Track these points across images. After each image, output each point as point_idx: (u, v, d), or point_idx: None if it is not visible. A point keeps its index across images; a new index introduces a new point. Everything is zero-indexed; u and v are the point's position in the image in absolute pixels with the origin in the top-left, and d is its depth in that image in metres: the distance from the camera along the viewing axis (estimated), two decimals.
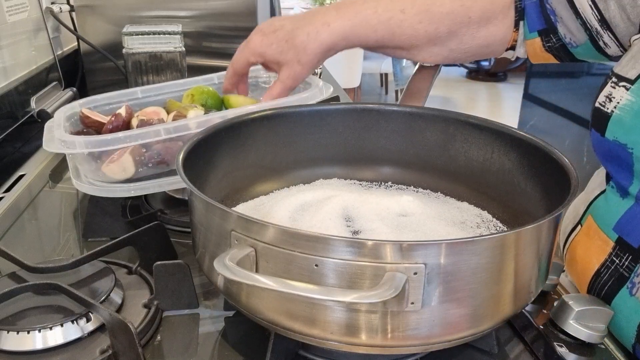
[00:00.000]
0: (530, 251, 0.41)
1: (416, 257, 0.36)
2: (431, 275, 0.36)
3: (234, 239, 0.39)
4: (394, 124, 0.63)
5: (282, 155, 0.63)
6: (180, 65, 1.05)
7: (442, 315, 0.38)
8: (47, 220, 0.74)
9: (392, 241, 0.36)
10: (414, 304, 0.37)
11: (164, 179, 0.65)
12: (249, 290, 0.41)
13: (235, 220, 0.39)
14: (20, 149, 0.94)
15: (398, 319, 0.38)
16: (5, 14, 0.95)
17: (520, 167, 0.56)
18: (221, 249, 0.41)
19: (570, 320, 0.47)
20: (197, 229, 0.46)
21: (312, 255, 0.36)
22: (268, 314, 0.40)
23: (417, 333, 0.38)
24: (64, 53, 1.26)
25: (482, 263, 0.38)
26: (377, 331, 0.38)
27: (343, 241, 0.36)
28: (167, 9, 1.21)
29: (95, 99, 0.76)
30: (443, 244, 0.37)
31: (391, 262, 0.36)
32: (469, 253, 0.37)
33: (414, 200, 0.58)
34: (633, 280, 0.52)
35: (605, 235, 0.56)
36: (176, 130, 0.62)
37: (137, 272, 0.56)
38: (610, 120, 0.53)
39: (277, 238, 0.37)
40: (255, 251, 0.38)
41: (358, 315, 0.38)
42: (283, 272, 0.37)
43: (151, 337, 0.48)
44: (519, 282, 0.41)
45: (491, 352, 0.46)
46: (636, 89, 0.52)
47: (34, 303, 0.48)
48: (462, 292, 0.38)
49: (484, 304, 0.40)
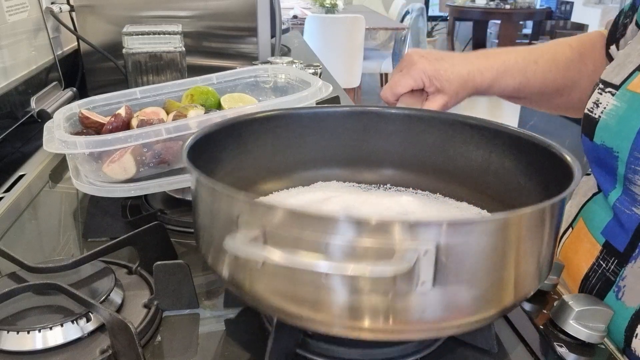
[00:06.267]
0: (538, 233, 0.40)
1: (428, 235, 0.35)
2: (442, 254, 0.35)
3: (241, 224, 0.39)
4: (392, 125, 0.63)
5: (281, 156, 0.63)
6: (180, 65, 1.05)
7: (452, 297, 0.37)
8: (47, 220, 0.74)
9: (402, 219, 0.35)
10: (424, 284, 0.36)
11: (164, 179, 0.65)
12: (254, 277, 0.40)
13: (242, 204, 0.39)
14: (20, 149, 0.94)
15: (407, 300, 0.37)
16: (5, 14, 0.95)
17: (520, 165, 0.56)
18: (228, 234, 0.40)
19: (570, 320, 0.47)
20: (202, 219, 0.45)
21: (322, 234, 0.35)
22: (273, 301, 0.40)
23: (425, 316, 0.38)
24: (64, 53, 1.26)
25: (494, 243, 0.37)
26: (385, 314, 0.37)
27: (353, 220, 0.35)
28: (167, 9, 1.22)
29: (94, 99, 0.76)
30: (456, 223, 0.36)
31: (402, 240, 0.35)
32: (481, 232, 0.36)
33: (414, 200, 0.58)
34: (619, 284, 0.53)
35: (594, 239, 0.57)
36: (177, 129, 0.62)
37: (137, 272, 0.56)
38: (597, 125, 0.55)
39: (285, 220, 0.37)
40: (263, 234, 0.38)
41: (366, 297, 0.37)
42: (292, 255, 0.36)
43: (151, 337, 0.48)
44: (527, 266, 0.40)
45: (491, 351, 0.46)
46: (621, 94, 0.53)
47: (34, 303, 0.48)
48: (472, 273, 0.37)
49: (494, 286, 0.39)
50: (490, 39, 5.58)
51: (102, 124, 0.70)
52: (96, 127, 0.71)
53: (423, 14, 4.43)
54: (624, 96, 0.53)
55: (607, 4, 4.26)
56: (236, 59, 1.29)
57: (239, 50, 1.29)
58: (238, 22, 1.26)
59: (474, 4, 5.41)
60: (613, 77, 0.56)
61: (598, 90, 0.57)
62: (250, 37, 1.28)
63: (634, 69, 0.54)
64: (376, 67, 4.18)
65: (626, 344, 0.51)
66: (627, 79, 0.54)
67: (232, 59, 1.29)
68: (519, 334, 0.49)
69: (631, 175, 0.52)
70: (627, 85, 0.53)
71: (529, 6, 5.29)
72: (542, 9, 5.33)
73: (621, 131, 0.52)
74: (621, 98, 0.53)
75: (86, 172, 0.66)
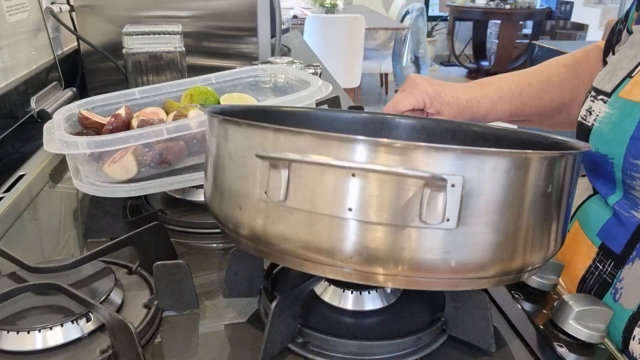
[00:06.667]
0: (558, 183, 0.40)
1: (455, 166, 0.35)
2: (469, 190, 0.35)
3: (264, 163, 0.38)
4: (397, 133, 0.63)
5: None
6: (180, 65, 1.05)
7: (476, 240, 0.37)
8: (47, 220, 0.74)
9: (430, 145, 0.35)
10: (449, 221, 0.35)
11: (164, 179, 0.65)
12: (274, 217, 0.39)
13: (264, 137, 0.38)
14: (20, 149, 0.94)
15: (430, 237, 0.36)
16: (5, 14, 0.95)
17: None
18: (250, 176, 0.40)
19: (570, 320, 0.47)
20: (217, 163, 0.44)
21: (350, 163, 0.35)
22: (290, 245, 0.39)
23: (447, 258, 0.37)
24: (64, 53, 1.26)
25: (518, 181, 0.37)
26: (406, 254, 0.36)
27: (380, 144, 0.35)
28: (167, 9, 1.22)
29: (93, 100, 0.76)
30: (482, 152, 0.35)
31: (429, 171, 0.34)
32: (508, 166, 0.36)
33: None
34: (616, 286, 0.53)
35: (590, 241, 0.57)
36: (178, 129, 0.62)
37: (137, 272, 0.56)
38: (591, 132, 0.56)
39: (311, 145, 0.36)
40: (288, 169, 0.37)
41: (389, 233, 0.36)
42: (318, 186, 0.36)
43: (151, 337, 0.48)
44: (545, 219, 0.40)
45: (489, 350, 0.46)
46: (613, 101, 0.53)
47: (34, 303, 0.48)
48: (495, 213, 0.37)
49: (514, 234, 0.38)
50: (490, 39, 5.58)
51: (101, 125, 0.70)
52: (96, 128, 0.71)
53: (423, 14, 4.43)
54: (615, 103, 0.53)
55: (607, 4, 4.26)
56: (236, 59, 1.29)
57: (239, 50, 1.29)
58: (238, 22, 1.26)
59: (474, 4, 5.41)
60: (605, 84, 0.56)
61: (590, 98, 0.58)
62: (250, 37, 1.28)
63: (625, 76, 0.54)
64: (376, 67, 4.18)
65: (624, 346, 0.51)
66: (618, 85, 0.54)
67: (232, 59, 1.29)
68: (519, 334, 0.49)
69: (629, 180, 0.52)
70: (619, 93, 0.54)
71: (529, 6, 5.29)
72: (542, 9, 5.33)
73: (614, 138, 0.52)
74: (613, 105, 0.54)
75: (86, 172, 0.66)
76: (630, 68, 0.54)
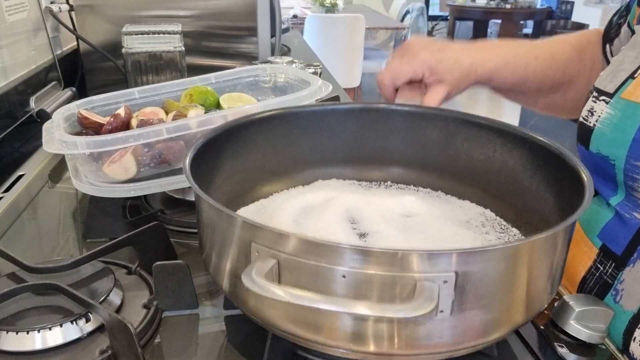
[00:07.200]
0: (551, 253, 0.41)
1: (447, 265, 0.35)
2: (461, 283, 0.36)
3: (254, 251, 0.38)
4: (393, 123, 0.63)
5: (280, 156, 0.62)
6: (179, 65, 1.05)
7: (469, 322, 0.38)
8: (46, 220, 0.74)
9: (421, 250, 0.36)
10: (443, 312, 0.37)
11: (164, 179, 0.65)
12: (258, 297, 0.40)
13: (256, 231, 0.38)
14: (19, 149, 0.94)
15: (425, 327, 0.37)
16: (5, 14, 0.95)
17: (523, 165, 0.55)
18: (240, 260, 0.40)
19: (571, 321, 0.47)
20: (207, 233, 0.45)
21: (340, 267, 0.35)
22: (279, 323, 0.40)
23: (443, 341, 0.38)
24: (64, 53, 1.26)
25: (510, 268, 0.38)
26: (402, 339, 0.38)
27: (372, 252, 0.36)
28: (167, 8, 1.21)
29: (92, 99, 0.76)
30: (473, 252, 0.36)
31: (421, 272, 0.35)
32: (499, 259, 0.37)
33: (417, 200, 0.57)
34: (617, 288, 0.53)
35: (591, 242, 0.56)
36: (178, 129, 0.62)
37: (136, 272, 0.56)
38: (593, 133, 0.55)
39: (301, 249, 0.36)
40: (278, 263, 0.37)
41: (386, 325, 0.37)
42: (308, 283, 0.37)
43: (151, 337, 0.48)
44: (539, 285, 0.41)
45: (490, 355, 0.46)
46: (615, 102, 0.53)
47: (34, 303, 0.48)
48: (488, 298, 0.38)
49: (508, 309, 0.39)
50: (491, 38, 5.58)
51: (101, 125, 0.70)
52: (95, 128, 0.71)
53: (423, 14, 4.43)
54: (617, 104, 0.53)
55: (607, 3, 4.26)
56: (236, 58, 1.29)
57: (238, 50, 1.29)
58: (238, 21, 1.26)
59: (474, 3, 5.41)
60: (607, 85, 0.56)
61: (592, 99, 0.57)
62: (250, 37, 1.28)
63: (627, 77, 0.54)
64: (376, 67, 4.17)
65: (624, 347, 0.51)
66: (621, 86, 0.54)
67: (232, 59, 1.29)
68: (519, 334, 0.49)
69: (631, 182, 0.52)
70: (621, 94, 0.53)
71: (530, 6, 5.29)
72: (542, 9, 5.33)
73: (616, 139, 0.52)
74: (615, 106, 0.53)
75: (86, 172, 0.65)
76: (632, 69, 0.54)
